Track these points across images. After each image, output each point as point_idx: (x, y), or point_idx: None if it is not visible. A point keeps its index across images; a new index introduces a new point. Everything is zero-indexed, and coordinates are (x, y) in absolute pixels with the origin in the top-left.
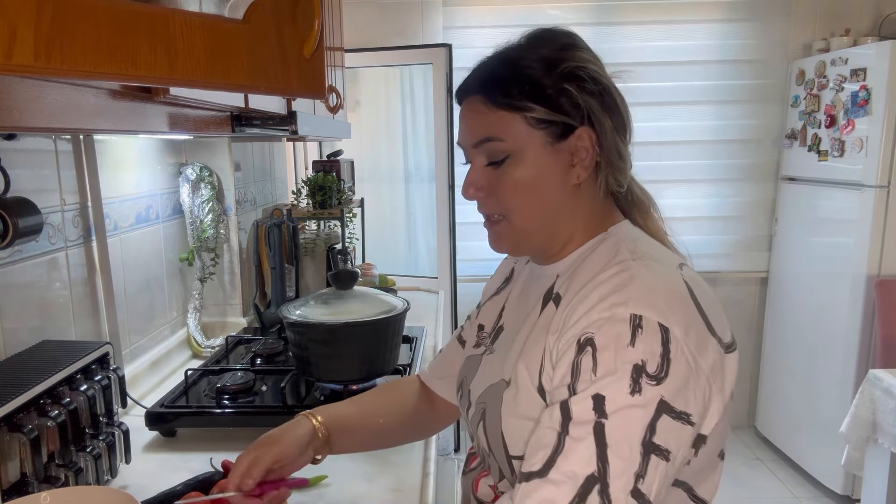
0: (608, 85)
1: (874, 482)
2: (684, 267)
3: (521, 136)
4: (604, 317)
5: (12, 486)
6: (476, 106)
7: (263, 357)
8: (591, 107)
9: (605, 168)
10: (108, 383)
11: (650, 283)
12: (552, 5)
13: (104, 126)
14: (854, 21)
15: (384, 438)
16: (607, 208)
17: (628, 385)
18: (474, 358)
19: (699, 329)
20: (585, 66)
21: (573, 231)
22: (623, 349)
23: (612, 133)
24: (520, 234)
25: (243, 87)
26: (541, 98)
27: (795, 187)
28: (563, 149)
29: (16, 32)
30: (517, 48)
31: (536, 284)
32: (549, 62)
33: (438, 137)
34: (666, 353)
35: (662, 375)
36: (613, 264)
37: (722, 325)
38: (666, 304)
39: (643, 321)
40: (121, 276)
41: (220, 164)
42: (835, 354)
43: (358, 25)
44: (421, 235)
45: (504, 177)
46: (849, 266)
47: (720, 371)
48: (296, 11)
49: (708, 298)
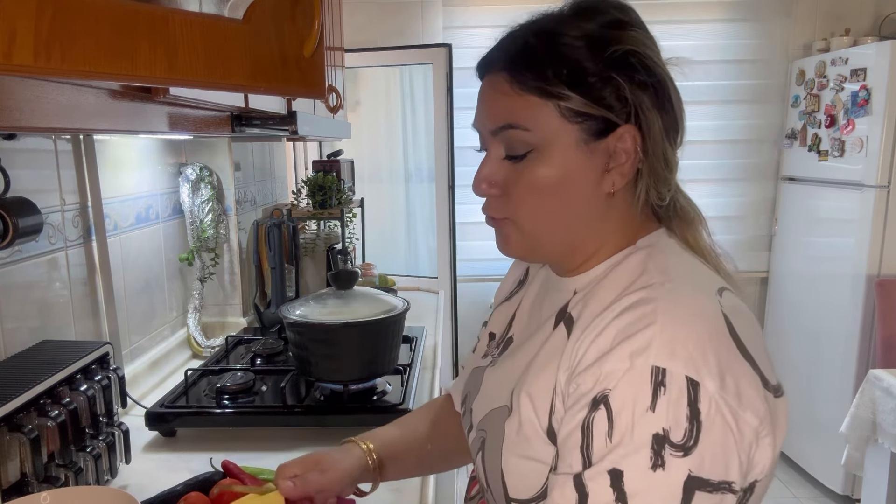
0: (664, 77)
1: (874, 482)
2: (725, 292)
3: (551, 128)
4: (620, 368)
5: (12, 486)
6: (500, 85)
7: (263, 357)
8: (641, 102)
9: (647, 177)
10: (108, 383)
11: (679, 318)
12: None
13: (104, 126)
14: (854, 21)
15: (432, 465)
16: (642, 219)
17: (648, 458)
18: (479, 371)
19: (740, 374)
20: (640, 51)
21: (599, 244)
22: (642, 415)
23: (661, 135)
24: (531, 239)
25: (243, 87)
26: (581, 85)
27: (795, 187)
28: (599, 149)
29: (16, 33)
30: (557, 19)
31: (551, 297)
32: (595, 41)
33: (438, 137)
34: (695, 416)
35: (690, 444)
36: (637, 288)
37: (767, 364)
38: (697, 349)
39: (667, 377)
40: (121, 276)
41: (220, 164)
42: (835, 354)
43: (358, 25)
44: (421, 235)
45: (524, 173)
46: (849, 266)
47: (769, 421)
48: (296, 11)
49: (752, 333)
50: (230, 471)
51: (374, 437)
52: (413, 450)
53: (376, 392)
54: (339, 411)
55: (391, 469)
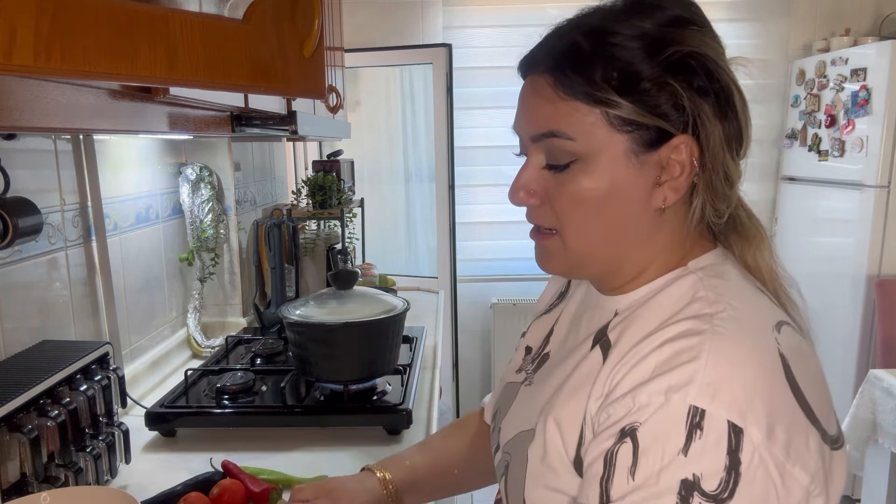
0: (727, 81)
1: (874, 482)
2: (784, 328)
3: (598, 137)
4: (654, 403)
5: (12, 486)
6: (542, 88)
7: (263, 357)
8: (701, 111)
9: (704, 192)
10: (107, 383)
11: (727, 356)
12: (553, 5)
13: (104, 126)
14: (854, 21)
15: (458, 488)
16: (695, 237)
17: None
18: (513, 386)
19: (793, 424)
20: (701, 54)
21: (646, 263)
22: (672, 457)
23: (722, 147)
24: (574, 256)
25: (243, 87)
26: (632, 91)
27: (795, 187)
28: (650, 161)
29: (16, 32)
30: (609, 15)
31: (591, 315)
32: (651, 42)
33: (438, 137)
34: (734, 466)
35: (725, 496)
36: (684, 317)
37: (827, 412)
38: (744, 392)
39: (706, 419)
40: (121, 276)
41: (220, 164)
42: (835, 354)
43: (358, 25)
44: (421, 235)
45: (566, 185)
46: (849, 266)
47: (823, 477)
48: (296, 11)
49: (812, 378)
50: (230, 471)
51: (394, 465)
52: (437, 476)
53: (376, 392)
54: (339, 411)
55: (410, 499)
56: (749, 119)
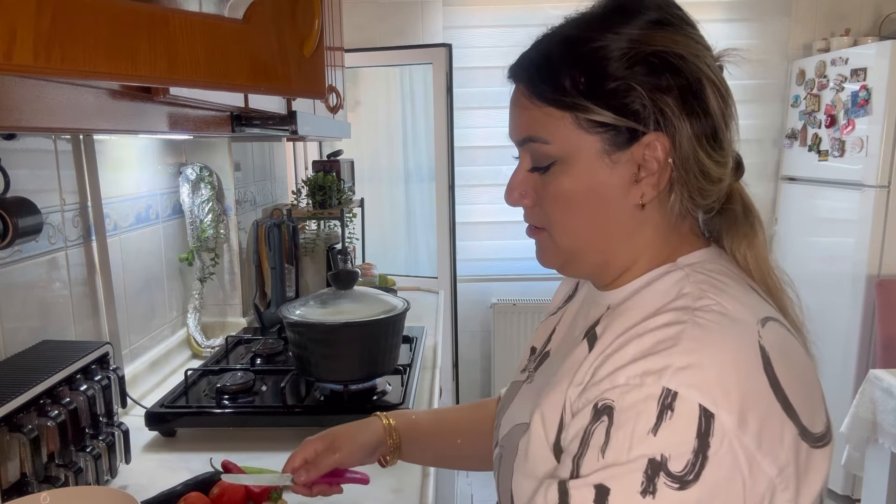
0: (696, 77)
1: (874, 482)
2: (770, 324)
3: (571, 140)
4: (630, 384)
5: (12, 486)
6: (519, 97)
7: (263, 357)
8: (665, 107)
9: (680, 188)
10: (107, 383)
11: (705, 344)
12: (553, 5)
13: (104, 126)
14: (854, 21)
15: (459, 460)
16: (684, 231)
17: (640, 482)
18: (516, 385)
19: (768, 416)
20: (665, 51)
21: (634, 258)
22: (641, 436)
23: (692, 142)
24: (565, 252)
25: (243, 87)
26: (599, 94)
27: (795, 187)
28: (623, 159)
29: (16, 32)
30: (583, 22)
31: (587, 312)
32: (618, 46)
33: (438, 137)
34: (702, 449)
35: (690, 478)
36: (668, 310)
37: (811, 409)
38: (718, 378)
39: (678, 401)
40: (121, 276)
41: (220, 164)
42: (835, 354)
43: (358, 25)
44: (421, 235)
45: (549, 186)
46: (849, 266)
47: (795, 473)
48: (296, 11)
49: (795, 372)
50: (230, 471)
51: (402, 415)
52: (439, 438)
53: (376, 392)
54: (339, 411)
55: (411, 450)
56: (728, 112)
